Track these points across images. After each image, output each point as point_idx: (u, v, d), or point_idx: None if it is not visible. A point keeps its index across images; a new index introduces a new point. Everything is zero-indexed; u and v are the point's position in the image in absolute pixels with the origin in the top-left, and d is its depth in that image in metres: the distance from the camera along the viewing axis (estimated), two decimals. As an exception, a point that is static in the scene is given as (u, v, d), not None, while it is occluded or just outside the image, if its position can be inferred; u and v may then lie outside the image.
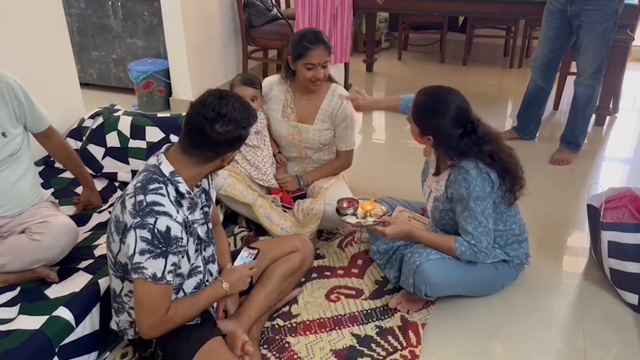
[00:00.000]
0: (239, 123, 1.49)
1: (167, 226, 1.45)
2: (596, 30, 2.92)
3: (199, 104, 1.49)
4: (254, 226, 2.47)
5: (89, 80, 4.31)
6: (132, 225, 1.44)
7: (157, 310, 1.49)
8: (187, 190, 1.54)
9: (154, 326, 1.52)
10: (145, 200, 1.46)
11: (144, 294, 1.47)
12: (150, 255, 1.44)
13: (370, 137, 3.76)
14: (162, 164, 1.53)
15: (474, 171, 1.84)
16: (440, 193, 1.98)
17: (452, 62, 5.15)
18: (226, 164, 1.60)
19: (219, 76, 4.16)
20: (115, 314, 1.67)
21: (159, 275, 1.45)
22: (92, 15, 4.09)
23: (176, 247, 1.47)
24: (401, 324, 1.95)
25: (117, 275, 1.60)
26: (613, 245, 2.04)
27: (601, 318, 2.02)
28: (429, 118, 1.90)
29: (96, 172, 2.55)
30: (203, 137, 1.48)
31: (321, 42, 2.28)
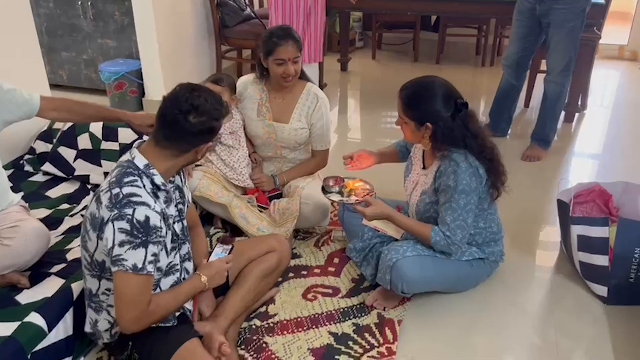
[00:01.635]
0: (211, 114, 1.52)
1: (146, 215, 1.45)
2: (565, 28, 2.99)
3: (172, 97, 1.52)
4: (230, 227, 2.46)
5: (59, 82, 4.23)
6: (110, 218, 1.43)
7: (139, 302, 1.48)
8: (163, 182, 1.55)
9: (136, 320, 1.50)
10: (121, 192, 1.46)
11: (124, 286, 1.46)
12: (130, 246, 1.43)
13: (346, 136, 3.77)
14: (135, 158, 1.53)
15: (464, 164, 1.86)
16: (429, 186, 1.99)
17: (426, 61, 5.20)
18: (199, 157, 1.61)
19: (192, 76, 4.12)
20: (95, 312, 1.64)
21: (139, 266, 1.45)
22: (61, 15, 4.01)
23: (156, 237, 1.47)
24: (378, 321, 1.97)
25: (94, 274, 1.58)
26: (582, 239, 2.09)
27: (572, 310, 2.08)
28: (423, 105, 1.90)
29: (67, 174, 2.50)
30: (177, 128, 1.50)
31: (290, 38, 2.28)
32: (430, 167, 2.00)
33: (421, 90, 1.92)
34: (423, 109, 1.90)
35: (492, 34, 5.05)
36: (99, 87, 4.07)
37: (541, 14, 3.03)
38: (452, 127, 1.87)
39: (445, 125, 1.87)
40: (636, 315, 2.02)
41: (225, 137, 2.38)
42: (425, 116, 1.90)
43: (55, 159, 2.50)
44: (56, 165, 2.51)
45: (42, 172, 2.55)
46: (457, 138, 1.88)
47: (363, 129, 3.90)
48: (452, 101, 1.88)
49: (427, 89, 1.91)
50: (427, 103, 1.89)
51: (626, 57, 5.20)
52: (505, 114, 3.52)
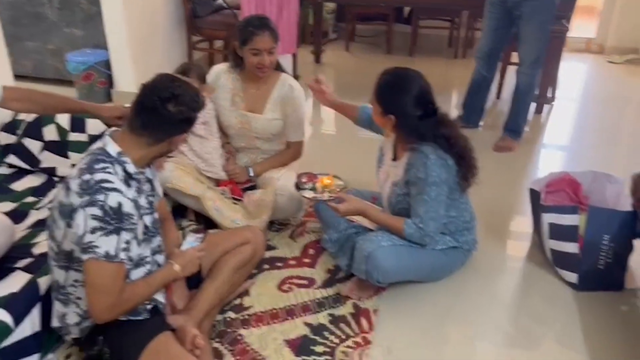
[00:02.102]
0: (189, 105, 1.51)
1: (119, 202, 1.42)
2: (535, 21, 3.03)
3: (152, 84, 1.51)
4: (203, 219, 2.41)
5: (24, 72, 4.09)
6: (80, 205, 1.40)
7: (112, 290, 1.45)
8: (136, 171, 1.52)
9: (109, 308, 1.46)
10: (92, 178, 1.43)
11: (97, 274, 1.42)
12: (103, 233, 1.40)
13: (321, 127, 3.76)
14: (107, 145, 1.50)
15: (433, 156, 1.87)
16: (399, 177, 2.00)
17: (399, 53, 5.22)
18: (173, 148, 1.59)
19: (163, 67, 3.98)
20: (63, 305, 1.59)
21: (112, 253, 1.42)
22: (25, 4, 3.88)
23: (129, 224, 1.45)
24: (353, 311, 1.97)
25: (61, 265, 1.54)
26: (553, 227, 2.13)
27: (543, 297, 2.11)
28: (392, 96, 1.91)
29: (33, 167, 2.42)
30: (155, 116, 1.48)
31: (267, 28, 2.25)
32: (401, 159, 2.01)
33: (398, 81, 1.92)
34: (392, 100, 1.91)
35: (464, 26, 5.10)
36: (65, 78, 3.95)
37: (512, 6, 3.06)
38: (418, 126, 1.88)
39: (411, 122, 1.89)
40: (605, 301, 2.07)
41: (197, 128, 2.33)
42: (391, 107, 1.91)
43: (19, 151, 2.42)
44: (21, 158, 2.42)
45: (6, 164, 2.46)
46: (422, 135, 1.89)
47: (337, 121, 3.89)
48: (423, 103, 1.88)
49: (403, 83, 1.90)
50: (398, 96, 1.89)
51: (593, 50, 5.31)
52: (478, 106, 3.55)
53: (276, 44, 2.28)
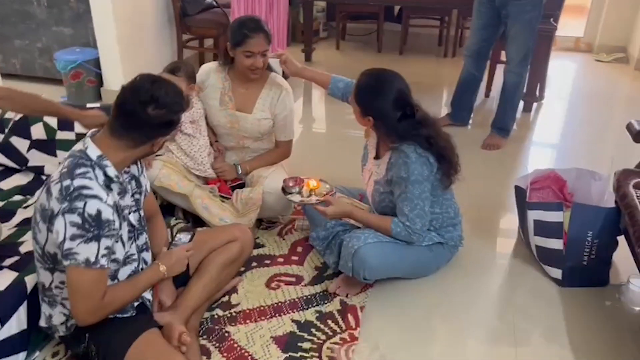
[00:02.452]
0: (171, 107, 1.48)
1: (98, 209, 1.41)
2: (523, 20, 3.04)
3: (132, 87, 1.48)
4: (192, 217, 2.42)
5: (12, 71, 4.07)
6: (60, 211, 1.40)
7: (93, 295, 1.46)
8: (116, 175, 1.50)
9: (91, 312, 1.48)
10: (72, 184, 1.42)
11: (77, 280, 1.43)
12: (82, 240, 1.40)
13: (310, 126, 3.77)
14: (88, 148, 1.49)
15: (414, 155, 1.88)
16: (381, 176, 2.02)
17: (389, 51, 5.23)
18: (156, 150, 1.58)
19: (152, 66, 4.01)
20: (49, 306, 1.60)
21: (92, 260, 1.42)
22: (13, 2, 3.85)
23: (108, 230, 1.44)
24: (340, 307, 1.98)
25: (46, 267, 1.54)
26: (538, 223, 2.15)
27: (529, 293, 2.14)
28: (371, 99, 1.92)
29: (20, 165, 2.42)
30: (135, 119, 1.46)
31: (261, 31, 2.25)
32: (383, 158, 2.03)
33: (376, 84, 1.93)
34: (370, 102, 1.93)
35: (454, 25, 5.11)
36: (54, 77, 3.94)
37: (500, 5, 3.07)
38: (397, 127, 1.90)
39: (390, 123, 1.90)
40: (589, 297, 2.10)
41: (186, 126, 2.34)
42: (370, 110, 1.93)
43: (7, 150, 2.41)
44: (8, 156, 2.42)
45: (-7, 163, 2.46)
46: (402, 135, 1.90)
47: (327, 120, 3.90)
48: (402, 105, 1.90)
49: (381, 86, 1.92)
50: (376, 99, 1.91)
51: (582, 49, 5.35)
52: (467, 104, 3.57)
53: (269, 46, 2.29)
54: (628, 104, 4.28)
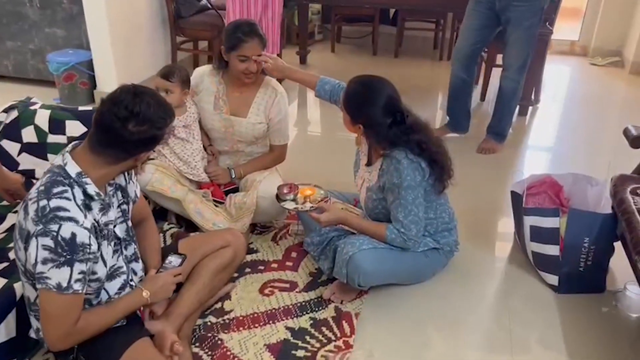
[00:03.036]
0: (153, 123, 1.40)
1: (72, 232, 1.35)
2: (523, 26, 2.98)
3: (111, 100, 1.39)
4: (185, 222, 2.39)
5: (4, 72, 4.04)
6: (34, 233, 1.34)
7: (64, 321, 1.40)
8: (97, 192, 1.44)
9: (61, 338, 1.43)
10: (48, 205, 1.35)
11: (48, 304, 1.38)
12: (54, 265, 1.34)
13: (304, 130, 3.75)
14: (67, 164, 1.41)
15: (405, 161, 1.87)
16: (373, 183, 2.00)
17: (384, 54, 5.22)
18: (139, 164, 1.52)
19: (147, 68, 4.00)
20: (37, 320, 1.56)
21: (64, 285, 1.35)
22: (5, 3, 3.81)
23: (83, 254, 1.37)
24: (335, 314, 1.96)
25: (30, 282, 1.49)
26: (534, 229, 2.14)
27: (525, 299, 2.12)
28: (360, 106, 1.91)
29: (11, 169, 2.36)
30: (114, 136, 1.38)
31: (256, 35, 2.23)
32: (375, 164, 2.01)
33: (365, 92, 1.91)
34: (359, 110, 1.91)
35: (450, 28, 5.11)
36: (47, 79, 3.90)
37: (500, 9, 3.01)
38: (387, 133, 1.88)
39: (381, 130, 1.89)
40: (585, 303, 2.08)
41: (179, 130, 2.31)
42: (360, 117, 1.92)
43: (-3, 153, 2.38)
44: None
45: (-17, 167, 2.42)
46: (393, 141, 1.89)
47: (322, 123, 3.88)
48: (392, 112, 1.88)
49: (370, 93, 1.90)
50: (365, 107, 1.90)
51: (577, 53, 5.36)
52: (463, 110, 3.44)
53: (264, 50, 2.27)
54: (623, 108, 4.28)
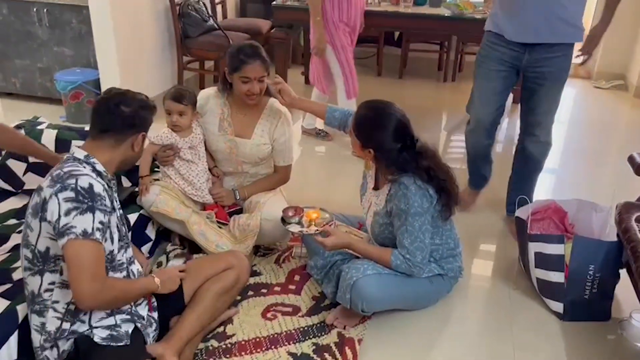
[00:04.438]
0: (139, 103, 1.65)
1: (90, 183, 1.49)
2: (558, 79, 2.44)
3: (103, 94, 1.69)
4: (188, 243, 2.39)
5: (12, 90, 4.08)
6: (53, 193, 1.45)
7: (96, 270, 1.47)
8: (104, 170, 1.60)
9: (94, 293, 1.46)
10: (62, 171, 1.50)
11: (77, 255, 1.45)
12: (77, 212, 1.44)
13: (308, 150, 3.76)
14: (75, 152, 1.60)
15: (413, 187, 1.87)
16: (380, 207, 2.00)
17: (389, 75, 5.25)
18: (137, 149, 1.67)
19: (153, 87, 4.04)
20: (39, 316, 1.57)
21: (89, 231, 1.45)
22: (15, 22, 3.87)
23: (101, 204, 1.50)
24: (338, 340, 1.94)
25: (35, 271, 1.55)
26: (539, 255, 2.13)
27: (529, 326, 2.10)
28: (370, 132, 1.92)
29: (16, 189, 2.40)
30: (109, 117, 1.60)
31: (258, 57, 2.25)
32: (382, 189, 2.01)
33: (375, 117, 1.92)
34: (370, 136, 1.92)
35: (454, 50, 5.14)
36: (54, 97, 3.94)
37: (529, 64, 2.41)
38: (397, 158, 1.89)
39: (390, 155, 1.89)
40: (591, 331, 2.06)
41: (185, 152, 2.32)
42: (370, 143, 1.92)
43: (3, 172, 2.40)
44: (4, 179, 2.40)
45: (-12, 185, 2.43)
46: (402, 166, 1.89)
47: (326, 144, 3.89)
48: (402, 137, 1.89)
49: (380, 119, 1.91)
50: (375, 132, 1.91)
51: (581, 76, 5.37)
52: (487, 169, 2.84)
53: (267, 73, 2.28)
54: (628, 132, 4.28)
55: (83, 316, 1.58)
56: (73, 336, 1.57)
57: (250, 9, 5.41)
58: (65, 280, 1.54)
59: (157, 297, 1.78)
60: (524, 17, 2.33)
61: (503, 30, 2.41)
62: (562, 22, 2.31)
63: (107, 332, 1.60)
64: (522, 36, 2.36)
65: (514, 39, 2.38)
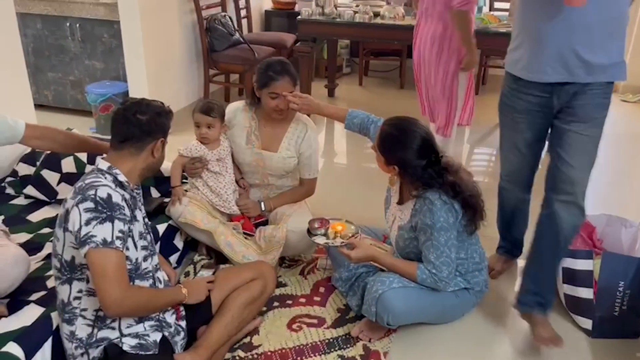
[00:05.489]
0: (154, 110, 1.68)
1: (108, 193, 1.53)
2: (595, 120, 1.95)
3: (119, 105, 1.71)
4: (215, 254, 2.42)
5: (44, 102, 4.20)
6: (74, 204, 1.51)
7: (118, 278, 1.49)
8: (126, 180, 1.63)
9: (119, 300, 1.49)
10: (84, 183, 1.56)
11: (100, 263, 1.48)
12: (97, 221, 1.49)
13: (332, 162, 3.78)
14: (99, 164, 1.64)
15: (439, 202, 1.87)
16: (405, 222, 2.01)
17: (412, 88, 5.20)
18: (156, 155, 1.70)
19: (180, 99, 4.12)
20: (69, 324, 1.62)
21: (108, 240, 1.49)
22: (49, 36, 4.00)
23: (120, 214, 1.53)
24: (363, 353, 1.95)
25: (64, 280, 1.60)
26: (567, 271, 2.11)
27: (557, 343, 2.07)
28: (394, 149, 1.93)
29: (50, 198, 2.46)
30: (127, 126, 1.63)
31: (287, 74, 2.29)
32: (407, 204, 2.02)
33: (399, 135, 1.93)
34: (394, 153, 1.93)
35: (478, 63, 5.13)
36: (84, 109, 4.05)
37: (562, 107, 1.94)
38: (422, 175, 1.90)
39: (415, 172, 1.90)
40: (621, 349, 2.03)
41: (213, 164, 2.37)
42: (394, 160, 1.94)
43: (38, 182, 2.46)
44: (39, 189, 2.47)
45: (24, 195, 2.51)
46: (428, 182, 1.90)
47: (349, 154, 3.92)
48: (426, 153, 1.90)
49: (404, 136, 1.92)
50: (400, 150, 1.92)
51: (607, 89, 5.31)
52: (521, 231, 2.44)
53: (294, 88, 2.32)
54: (655, 146, 4.22)
55: (112, 323, 1.62)
56: (104, 343, 1.61)
57: (274, 22, 5.49)
58: (92, 288, 1.58)
59: (185, 307, 1.81)
60: (550, 51, 1.87)
61: (526, 68, 1.95)
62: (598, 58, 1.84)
63: (136, 340, 1.63)
64: (548, 76, 1.90)
65: (538, 79, 1.94)
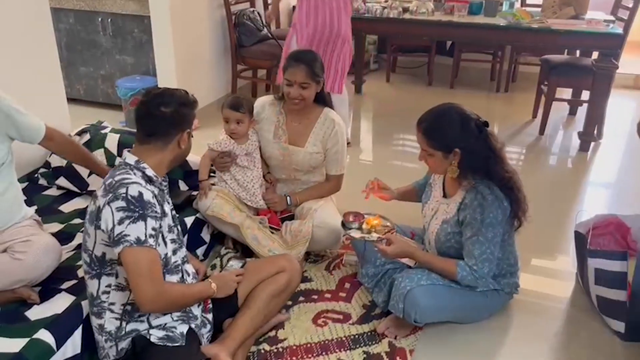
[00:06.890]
0: (178, 100, 1.66)
1: (139, 191, 1.53)
2: None
3: (142, 97, 1.69)
4: (241, 247, 2.44)
5: (76, 96, 4.28)
6: (106, 202, 1.52)
7: (152, 276, 1.52)
8: (154, 175, 1.64)
9: (154, 297, 1.52)
10: (114, 180, 1.56)
11: (135, 261, 1.50)
12: (130, 220, 1.50)
13: (358, 158, 3.76)
14: (126, 158, 1.65)
15: (490, 197, 1.84)
16: (451, 215, 1.97)
17: (440, 85, 5.20)
18: (183, 147, 1.69)
19: (208, 94, 4.15)
20: (98, 317, 1.65)
21: (142, 239, 1.50)
22: (81, 31, 4.07)
23: (152, 211, 1.54)
24: (389, 349, 1.93)
25: (93, 274, 1.62)
26: (599, 272, 2.05)
27: (588, 345, 2.02)
28: (443, 133, 1.89)
29: (81, 189, 2.51)
30: (152, 120, 1.62)
31: (303, 62, 2.28)
32: (453, 197, 1.98)
33: (439, 119, 1.91)
34: (446, 137, 1.89)
35: (507, 60, 5.04)
36: (115, 103, 4.11)
37: None
38: (476, 149, 1.85)
39: (470, 148, 1.85)
40: (655, 353, 1.97)
41: (241, 159, 2.38)
42: (451, 143, 1.88)
43: (69, 174, 2.51)
44: (70, 180, 2.52)
45: (56, 186, 2.56)
46: (482, 161, 1.85)
47: (375, 151, 3.89)
48: (471, 123, 1.87)
49: (444, 117, 1.90)
50: (449, 130, 1.88)
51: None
52: None
53: (312, 81, 2.30)
54: (692, 146, 4.08)
55: (141, 316, 1.64)
56: (133, 335, 1.63)
57: (302, 18, 5.48)
58: (121, 283, 1.61)
59: (212, 300, 1.82)
60: None
61: None
62: None
63: (163, 332, 1.65)
64: None
65: None
